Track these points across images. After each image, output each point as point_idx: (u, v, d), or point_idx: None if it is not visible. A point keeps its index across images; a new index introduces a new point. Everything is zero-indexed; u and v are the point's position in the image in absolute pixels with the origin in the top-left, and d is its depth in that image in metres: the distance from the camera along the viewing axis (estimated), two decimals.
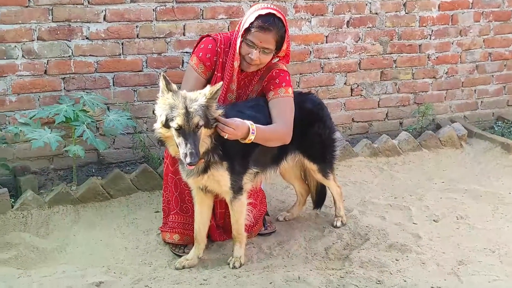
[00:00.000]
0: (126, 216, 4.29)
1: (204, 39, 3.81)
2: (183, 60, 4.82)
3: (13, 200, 4.17)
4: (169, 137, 3.27)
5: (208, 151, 3.32)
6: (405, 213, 4.41)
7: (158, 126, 3.28)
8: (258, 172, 3.69)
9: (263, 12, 3.54)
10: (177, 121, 3.13)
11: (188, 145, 3.10)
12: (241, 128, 3.30)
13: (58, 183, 4.48)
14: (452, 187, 4.89)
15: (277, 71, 3.74)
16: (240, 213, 3.60)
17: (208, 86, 3.30)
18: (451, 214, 4.38)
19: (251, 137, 3.34)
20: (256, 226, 3.97)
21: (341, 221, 4.17)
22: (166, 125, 3.20)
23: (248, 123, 3.34)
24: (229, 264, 3.63)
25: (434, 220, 4.29)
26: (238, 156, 3.48)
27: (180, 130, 3.14)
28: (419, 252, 3.78)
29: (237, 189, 3.52)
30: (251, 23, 3.53)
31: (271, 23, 3.52)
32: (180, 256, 3.74)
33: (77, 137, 4.25)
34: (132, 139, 4.84)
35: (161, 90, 3.26)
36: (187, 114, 3.13)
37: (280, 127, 3.57)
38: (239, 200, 3.56)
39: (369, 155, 5.39)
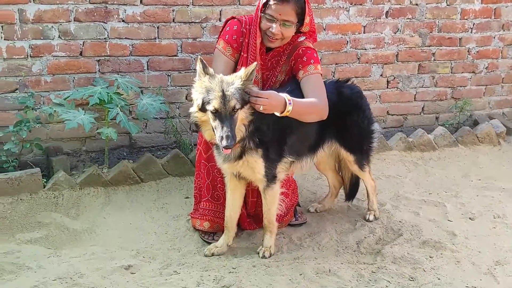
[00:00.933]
0: (156, 201, 4.27)
1: (229, 22, 3.75)
2: None
3: (45, 180, 4.18)
4: (205, 121, 3.23)
5: (244, 138, 3.26)
6: (440, 209, 4.30)
7: (194, 109, 3.24)
8: (293, 161, 3.62)
9: None
10: (214, 104, 3.09)
11: (225, 128, 3.06)
12: (276, 99, 3.23)
13: (89, 165, 4.48)
14: (489, 185, 4.76)
15: (304, 48, 3.66)
16: (273, 202, 3.54)
17: (243, 68, 3.25)
18: (487, 212, 4.26)
19: (289, 108, 3.26)
20: (287, 216, 3.92)
21: (374, 215, 4.09)
22: (203, 108, 3.16)
23: (284, 94, 3.28)
24: (258, 253, 3.59)
25: (470, 218, 4.18)
26: (274, 144, 3.43)
27: (216, 113, 3.10)
28: (454, 250, 3.68)
29: (271, 177, 3.47)
30: None
31: None
32: (210, 243, 3.71)
33: (110, 119, 4.24)
34: (164, 123, 4.82)
35: (198, 73, 3.21)
36: (224, 97, 3.08)
37: (316, 101, 3.48)
38: (272, 189, 3.50)
39: (404, 149, 5.28)
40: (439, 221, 4.10)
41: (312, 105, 3.46)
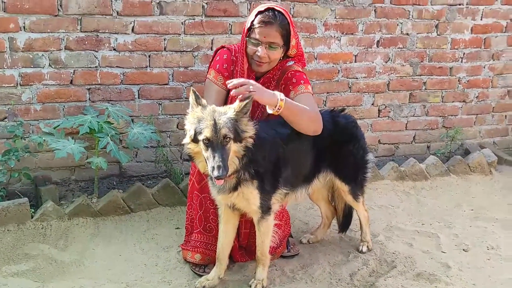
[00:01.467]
0: (146, 231, 4.21)
1: (219, 51, 3.76)
2: None
3: (33, 210, 4.12)
4: (198, 153, 3.19)
5: (237, 170, 3.22)
6: (433, 240, 4.26)
7: (187, 141, 3.20)
8: (288, 192, 3.59)
9: (262, 8, 3.53)
10: (205, 133, 3.06)
11: (216, 158, 3.01)
12: (263, 90, 3.26)
13: (79, 194, 4.42)
14: (481, 215, 4.73)
15: (292, 72, 3.67)
16: (266, 234, 3.49)
17: (237, 101, 3.22)
18: (481, 243, 4.23)
19: (281, 103, 3.27)
20: (280, 248, 3.86)
21: (367, 246, 4.04)
22: (195, 139, 3.13)
23: (274, 91, 3.32)
24: (250, 286, 3.52)
25: (463, 250, 4.14)
26: (269, 175, 3.39)
27: (208, 143, 3.06)
28: (448, 283, 3.63)
29: (265, 209, 3.42)
30: (252, 21, 3.51)
31: (271, 16, 3.49)
32: (201, 276, 3.63)
33: (101, 148, 4.18)
34: (155, 152, 4.78)
35: (191, 104, 3.18)
36: (215, 126, 3.05)
37: (309, 109, 3.47)
38: (266, 220, 3.45)
39: (396, 179, 5.27)
40: (432, 253, 4.05)
41: (305, 109, 3.45)
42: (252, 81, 3.25)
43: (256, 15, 3.51)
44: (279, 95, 3.30)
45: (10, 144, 4.17)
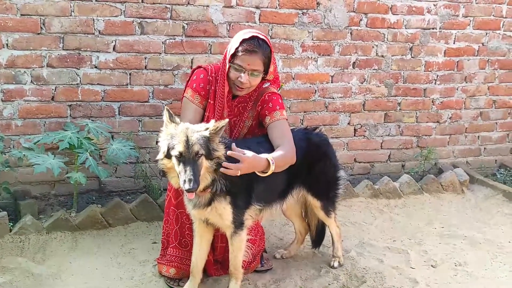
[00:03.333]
0: (124, 246, 4.28)
1: (196, 71, 3.86)
2: None
3: (11, 224, 4.18)
4: (171, 168, 3.29)
5: (209, 185, 3.32)
6: (403, 257, 4.38)
7: (160, 157, 3.30)
8: (261, 208, 3.68)
9: (247, 36, 3.61)
10: (178, 148, 3.15)
11: (188, 172, 3.11)
12: (257, 162, 3.32)
13: (58, 208, 4.49)
14: (451, 233, 4.86)
15: (269, 94, 3.78)
16: (239, 249, 3.58)
17: (213, 121, 3.34)
18: (449, 260, 4.35)
19: (272, 168, 3.36)
20: (254, 262, 3.95)
21: (339, 262, 4.15)
22: (168, 155, 3.23)
23: (265, 155, 3.37)
24: None
25: (432, 266, 4.25)
26: (242, 191, 3.48)
27: (180, 157, 3.16)
28: None
29: (238, 224, 3.51)
30: (237, 48, 3.60)
31: (256, 45, 3.58)
32: None
33: (80, 164, 4.27)
34: (134, 168, 4.87)
35: (165, 122, 3.29)
36: (187, 142, 3.15)
37: (287, 149, 3.57)
38: (239, 235, 3.54)
39: (370, 196, 5.40)
40: (402, 268, 4.17)
41: (286, 157, 3.54)
42: (247, 157, 3.26)
43: (240, 43, 3.59)
44: (270, 160, 3.36)
45: None
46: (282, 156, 3.51)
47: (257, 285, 3.84)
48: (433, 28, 5.70)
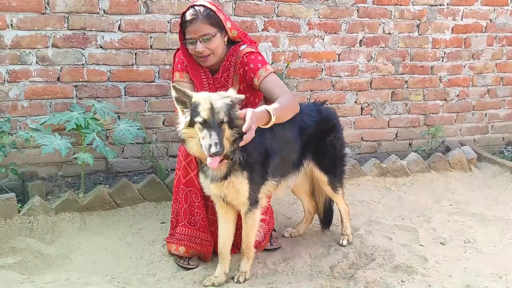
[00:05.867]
0: (132, 226, 4.28)
1: (176, 53, 3.87)
2: None
3: (20, 205, 4.18)
4: (192, 137, 3.27)
5: (228, 154, 3.30)
6: (412, 234, 4.37)
7: (182, 127, 3.28)
8: (278, 182, 3.69)
9: (185, 9, 3.64)
10: (203, 115, 3.15)
11: (213, 136, 3.10)
12: (260, 117, 3.28)
13: (65, 190, 4.49)
14: (460, 211, 4.85)
15: (247, 54, 3.72)
16: (252, 227, 3.58)
17: (232, 89, 3.35)
18: (458, 237, 4.34)
19: (273, 119, 3.34)
20: (264, 242, 3.95)
21: (347, 240, 4.14)
22: (191, 123, 3.21)
23: (264, 107, 3.35)
24: (233, 278, 3.61)
25: (441, 243, 4.25)
26: (258, 166, 3.49)
27: (204, 124, 3.15)
28: (425, 275, 3.73)
29: (253, 201, 3.51)
30: (180, 24, 3.64)
31: (193, 13, 3.58)
32: (185, 268, 3.75)
33: (87, 144, 4.25)
34: (141, 149, 4.85)
35: (175, 99, 3.25)
36: (212, 109, 3.15)
37: (285, 98, 3.54)
38: (253, 213, 3.54)
39: (377, 175, 5.38)
40: (411, 246, 4.16)
41: (286, 105, 3.51)
42: (251, 115, 3.20)
43: (181, 18, 3.62)
44: (272, 114, 3.34)
45: None
46: (281, 105, 3.47)
47: (267, 264, 3.85)
48: (440, 5, 5.64)
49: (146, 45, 4.69)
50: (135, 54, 4.68)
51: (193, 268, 3.76)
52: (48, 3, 4.33)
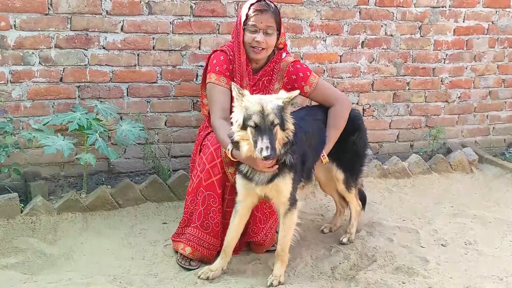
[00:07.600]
0: (134, 226, 4.30)
1: (213, 55, 3.90)
2: (197, 74, 4.85)
3: (22, 205, 4.19)
4: (245, 139, 3.32)
5: (279, 157, 3.35)
6: (413, 236, 4.39)
7: (235, 129, 3.34)
8: (304, 184, 3.79)
9: (254, 0, 3.78)
10: (254, 118, 3.20)
11: (265, 140, 3.15)
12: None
13: (68, 190, 4.50)
14: (461, 212, 4.86)
15: (292, 64, 3.93)
16: (290, 228, 3.59)
17: (283, 91, 3.41)
18: (459, 239, 4.36)
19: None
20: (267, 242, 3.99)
21: (348, 238, 4.18)
22: (244, 126, 3.26)
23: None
24: (267, 281, 3.58)
25: (442, 245, 4.26)
26: (299, 168, 3.57)
27: (256, 127, 3.20)
28: (426, 276, 3.75)
29: (293, 202, 3.56)
30: (247, 13, 3.75)
31: (264, 4, 3.76)
32: (186, 269, 3.75)
33: (89, 145, 4.27)
34: (143, 149, 4.86)
35: (235, 97, 3.30)
36: (263, 112, 3.20)
37: (340, 105, 3.95)
38: (292, 214, 3.57)
39: (379, 176, 5.39)
40: (412, 248, 4.18)
41: (340, 121, 3.94)
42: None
43: (249, 7, 3.75)
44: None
45: (0, 140, 4.23)
46: (334, 134, 3.89)
47: (268, 265, 3.85)
48: (442, 7, 5.64)
49: (149, 46, 4.70)
50: (138, 55, 4.69)
51: (194, 269, 3.77)
52: (51, 4, 4.35)
